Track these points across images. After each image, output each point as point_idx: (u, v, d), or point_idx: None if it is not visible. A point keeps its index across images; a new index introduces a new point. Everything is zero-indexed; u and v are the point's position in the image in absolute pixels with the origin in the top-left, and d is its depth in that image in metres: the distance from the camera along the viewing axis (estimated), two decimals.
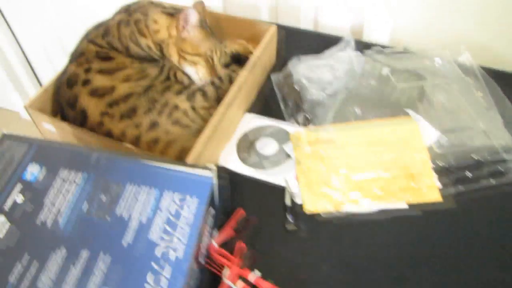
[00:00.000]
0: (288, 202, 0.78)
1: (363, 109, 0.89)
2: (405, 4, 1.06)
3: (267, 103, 0.95)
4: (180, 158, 0.76)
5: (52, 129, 0.84)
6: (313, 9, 1.20)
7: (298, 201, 0.78)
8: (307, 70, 0.97)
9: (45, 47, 1.74)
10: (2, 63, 1.83)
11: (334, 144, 0.83)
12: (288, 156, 0.84)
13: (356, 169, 0.80)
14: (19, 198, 0.64)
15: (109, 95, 0.79)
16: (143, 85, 0.81)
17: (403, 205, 0.76)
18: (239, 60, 1.01)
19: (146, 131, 0.77)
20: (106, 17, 0.93)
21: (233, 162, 0.84)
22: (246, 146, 0.87)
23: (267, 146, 0.87)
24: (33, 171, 0.67)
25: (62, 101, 0.82)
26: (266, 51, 0.95)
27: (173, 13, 0.90)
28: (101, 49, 0.85)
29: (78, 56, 0.85)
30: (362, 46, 1.04)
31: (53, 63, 1.81)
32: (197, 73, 0.90)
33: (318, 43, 1.11)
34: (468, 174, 0.78)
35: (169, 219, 0.61)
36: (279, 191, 0.80)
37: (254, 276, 0.65)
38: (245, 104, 0.93)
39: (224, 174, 0.70)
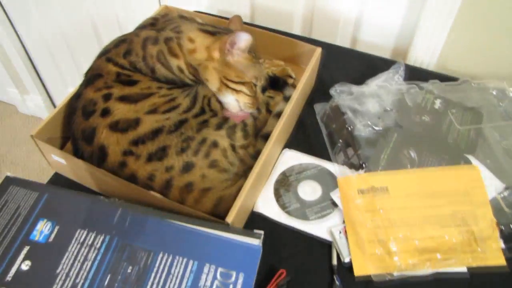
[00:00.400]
0: (334, 261, 0.68)
1: (418, 151, 0.78)
2: (459, 25, 0.95)
3: (308, 137, 0.84)
4: (216, 209, 0.65)
5: (62, 161, 0.72)
6: (352, 24, 1.08)
7: (346, 260, 0.67)
8: (352, 101, 0.85)
9: (46, 40, 1.61)
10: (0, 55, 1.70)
11: (388, 194, 0.72)
12: (335, 204, 0.73)
13: (413, 227, 0.69)
14: (25, 265, 0.53)
15: (133, 130, 0.67)
16: (174, 119, 0.69)
17: (463, 269, 0.67)
18: (275, 83, 0.90)
19: (178, 174, 0.66)
20: (111, 13, 0.79)
21: (271, 208, 0.74)
22: (286, 189, 0.76)
23: (310, 191, 0.76)
24: (44, 230, 0.55)
25: (76, 132, 0.70)
26: (310, 75, 0.84)
27: (213, 32, 0.77)
28: (122, 70, 0.73)
29: (95, 78, 0.72)
30: (409, 71, 0.93)
31: (54, 57, 1.68)
32: (238, 102, 0.78)
33: (358, 64, 1.00)
34: None
35: None
36: (324, 246, 0.70)
37: None
38: (284, 138, 0.82)
39: (258, 232, 0.60)
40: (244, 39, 0.72)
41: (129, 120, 0.68)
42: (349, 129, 0.78)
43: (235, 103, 0.78)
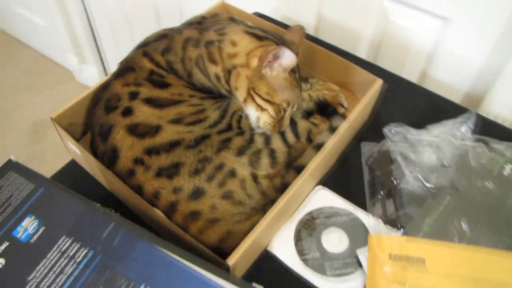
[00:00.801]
0: None
1: (472, 224, 0.66)
2: None
3: (348, 178, 0.74)
4: (222, 243, 0.58)
5: (77, 151, 0.67)
6: (424, 57, 0.96)
7: None
8: (406, 146, 0.74)
9: (109, 15, 1.60)
10: (65, 22, 1.72)
11: (423, 268, 0.61)
12: (360, 264, 0.63)
13: None
14: None
15: (150, 137, 0.61)
16: (196, 133, 0.62)
17: None
18: (323, 109, 0.80)
19: (186, 199, 0.58)
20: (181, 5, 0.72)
21: (287, 252, 0.65)
22: (308, 233, 0.67)
23: (335, 241, 0.66)
24: (28, 228, 0.50)
25: (95, 125, 0.65)
26: (364, 109, 0.74)
27: (261, 36, 0.69)
28: (157, 68, 0.66)
29: (126, 71, 0.67)
30: (480, 123, 0.80)
31: (114, 33, 1.67)
32: (258, 120, 0.70)
33: (422, 103, 0.88)
34: None
35: None
36: None
37: None
38: (320, 174, 0.73)
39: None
40: (289, 58, 0.63)
41: (149, 125, 0.61)
42: (395, 182, 0.68)
43: (256, 119, 0.70)
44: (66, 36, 1.78)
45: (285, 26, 0.82)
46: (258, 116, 0.69)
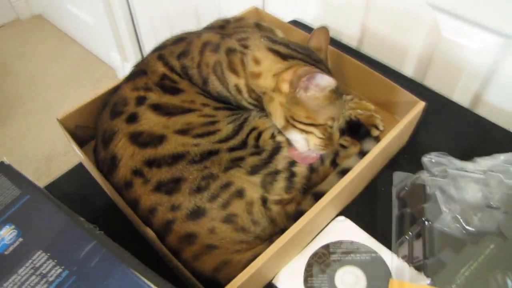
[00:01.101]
0: None
1: None
2: None
3: (374, 210, 0.65)
4: (216, 273, 0.51)
5: (80, 156, 0.63)
6: (480, 79, 0.85)
7: None
8: (447, 181, 0.64)
9: (152, 15, 1.59)
10: (110, 21, 1.73)
11: None
12: None
13: None
14: None
15: (153, 147, 0.55)
16: (203, 148, 0.56)
17: None
18: (355, 129, 0.72)
19: (183, 219, 0.52)
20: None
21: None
22: (321, 269, 0.59)
23: (351, 281, 0.58)
24: (5, 238, 0.46)
25: (99, 130, 0.60)
26: (399, 134, 0.65)
27: (285, 55, 0.62)
28: (170, 73, 0.61)
29: (138, 74, 0.62)
30: None
31: (156, 32, 1.66)
32: (307, 143, 0.63)
33: (472, 131, 0.78)
34: None
35: None
36: None
37: None
38: (342, 203, 0.65)
39: None
40: (326, 82, 0.56)
41: (153, 134, 0.56)
42: (427, 223, 0.58)
43: (303, 142, 0.63)
44: (111, 35, 1.81)
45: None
46: (305, 139, 0.63)
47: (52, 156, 1.76)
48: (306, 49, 0.64)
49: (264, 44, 0.62)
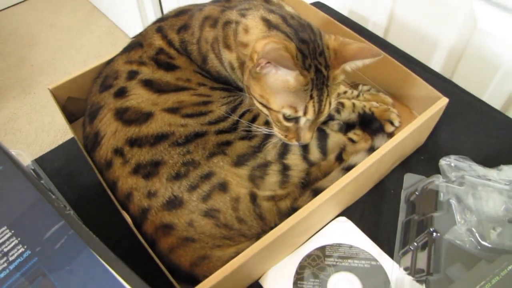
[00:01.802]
0: None
1: None
2: None
3: (379, 212, 0.60)
4: (194, 268, 0.47)
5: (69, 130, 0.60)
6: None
7: None
8: (465, 188, 0.58)
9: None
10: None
11: None
12: None
13: None
14: None
15: (137, 125, 0.51)
16: (190, 129, 0.51)
17: None
18: (368, 123, 0.66)
19: (159, 208, 0.48)
20: None
21: None
22: (314, 273, 0.54)
23: None
24: None
25: (88, 103, 0.57)
26: (416, 131, 0.58)
27: (274, 25, 0.53)
28: (168, 47, 0.57)
29: (134, 46, 0.58)
30: None
31: None
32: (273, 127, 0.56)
33: (502, 135, 0.71)
34: None
35: None
36: None
37: None
38: (345, 202, 0.59)
39: None
40: (285, 70, 0.48)
41: (140, 111, 0.52)
42: (435, 234, 0.52)
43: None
44: (137, 11, 1.78)
45: (348, 22, 0.67)
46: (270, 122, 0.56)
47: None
48: (301, 25, 0.54)
49: (259, 13, 0.55)
